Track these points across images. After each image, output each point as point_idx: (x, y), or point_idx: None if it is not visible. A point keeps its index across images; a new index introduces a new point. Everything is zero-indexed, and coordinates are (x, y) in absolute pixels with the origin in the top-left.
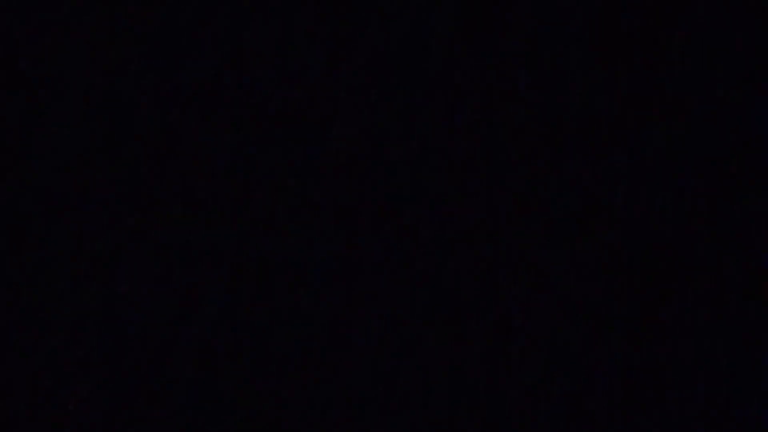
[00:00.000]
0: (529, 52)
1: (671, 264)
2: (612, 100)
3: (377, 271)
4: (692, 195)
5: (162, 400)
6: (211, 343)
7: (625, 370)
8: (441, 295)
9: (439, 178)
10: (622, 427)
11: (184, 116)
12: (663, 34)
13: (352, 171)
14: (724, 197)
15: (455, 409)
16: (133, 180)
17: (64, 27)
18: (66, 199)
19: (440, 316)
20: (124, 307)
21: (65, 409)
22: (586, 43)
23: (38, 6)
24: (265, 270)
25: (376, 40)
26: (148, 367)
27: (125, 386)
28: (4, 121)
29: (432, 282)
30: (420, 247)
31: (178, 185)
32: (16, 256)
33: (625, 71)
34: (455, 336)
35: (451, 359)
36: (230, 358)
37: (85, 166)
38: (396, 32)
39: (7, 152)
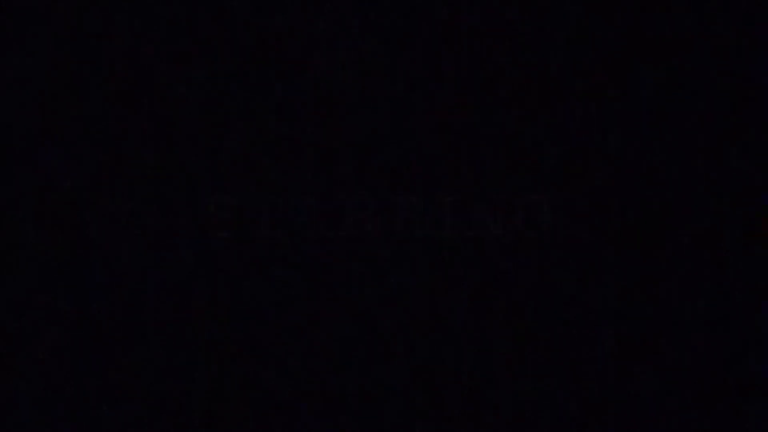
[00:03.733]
0: None
1: (666, 206)
2: (606, 40)
3: (359, 215)
4: (688, 136)
5: (133, 351)
6: (185, 291)
7: (618, 316)
8: (424, 239)
9: (425, 117)
10: (616, 378)
11: (158, 55)
12: None
13: (333, 111)
14: (721, 138)
15: (438, 361)
16: (105, 118)
17: None
18: (33, 136)
19: (423, 260)
20: (94, 252)
21: (36, 359)
22: None
23: None
24: (243, 214)
25: None
26: (118, 316)
27: (95, 335)
28: None
29: (416, 226)
30: (404, 190)
31: (151, 127)
32: None
33: (619, 11)
34: (440, 279)
35: (435, 302)
36: (205, 307)
37: (53, 103)
38: None
39: None
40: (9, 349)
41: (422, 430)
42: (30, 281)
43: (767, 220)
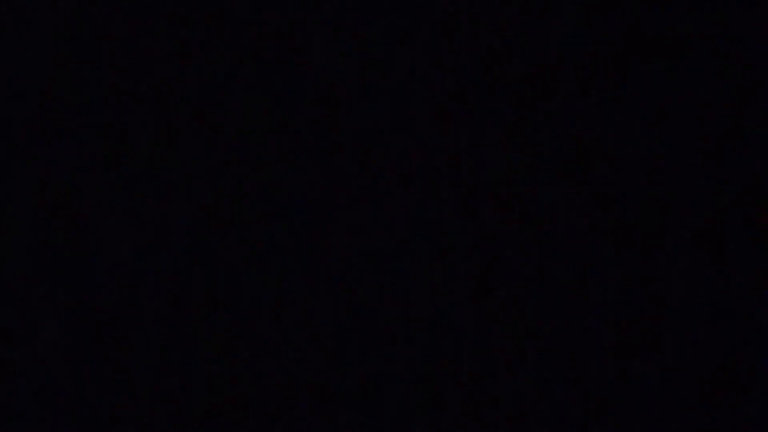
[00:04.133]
0: None
1: (667, 202)
2: (606, 38)
3: (359, 203)
4: (688, 133)
5: (132, 349)
6: (181, 280)
7: (618, 312)
8: (424, 230)
9: (424, 109)
10: (616, 374)
11: (156, 45)
12: None
13: (331, 103)
14: (721, 135)
15: (437, 350)
16: (101, 107)
17: None
18: (30, 124)
19: (423, 252)
20: (92, 240)
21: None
22: None
23: None
24: (239, 204)
25: None
26: (116, 306)
27: (93, 333)
28: None
29: (415, 217)
30: (403, 181)
31: (148, 115)
32: None
33: (619, 9)
34: (440, 271)
35: (434, 295)
36: (204, 305)
37: (51, 91)
38: None
39: None
40: (8, 348)
41: (422, 430)
42: (29, 278)
43: (767, 216)
